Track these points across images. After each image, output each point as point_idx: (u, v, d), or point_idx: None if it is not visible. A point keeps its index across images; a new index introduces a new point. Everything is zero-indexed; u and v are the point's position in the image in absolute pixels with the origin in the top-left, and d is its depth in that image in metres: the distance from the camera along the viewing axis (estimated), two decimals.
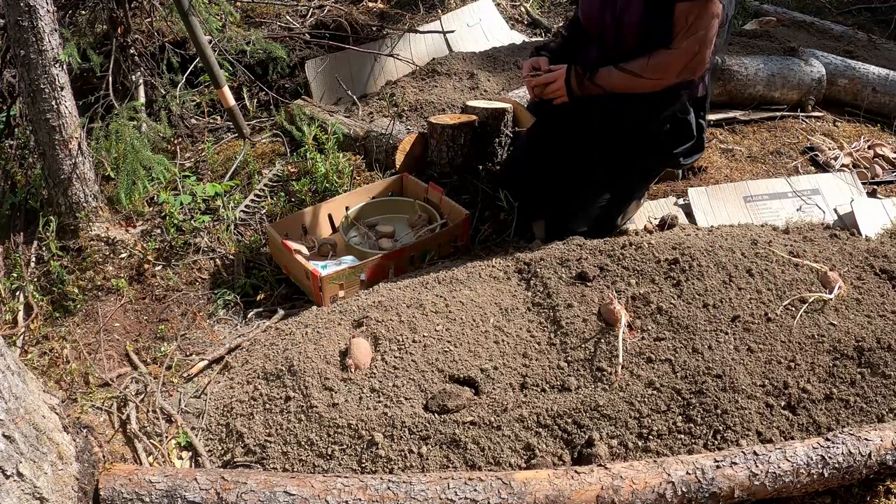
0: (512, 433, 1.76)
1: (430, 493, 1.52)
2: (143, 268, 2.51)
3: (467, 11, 4.05)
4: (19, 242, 2.52)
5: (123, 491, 1.55)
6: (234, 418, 1.92)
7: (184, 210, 2.74)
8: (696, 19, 2.11)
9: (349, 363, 1.92)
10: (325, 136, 2.99)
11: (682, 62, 2.18)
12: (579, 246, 2.24)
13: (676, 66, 2.19)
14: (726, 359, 1.85)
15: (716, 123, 3.29)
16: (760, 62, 3.34)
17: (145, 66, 3.16)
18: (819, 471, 1.60)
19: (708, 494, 1.56)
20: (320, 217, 2.67)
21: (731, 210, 2.65)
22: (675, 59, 2.18)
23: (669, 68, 2.20)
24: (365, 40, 3.77)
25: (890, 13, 5.15)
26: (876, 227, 2.44)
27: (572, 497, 1.53)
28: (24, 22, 2.25)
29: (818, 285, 2.03)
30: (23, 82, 2.36)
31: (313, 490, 1.52)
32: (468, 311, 2.06)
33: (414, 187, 2.76)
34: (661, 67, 2.20)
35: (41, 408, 1.54)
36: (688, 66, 2.19)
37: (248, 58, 3.35)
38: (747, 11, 5.00)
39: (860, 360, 1.85)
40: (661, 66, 2.20)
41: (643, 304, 2.00)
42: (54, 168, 2.46)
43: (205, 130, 3.38)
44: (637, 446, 1.74)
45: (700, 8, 2.10)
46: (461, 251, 2.56)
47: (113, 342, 2.28)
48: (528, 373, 1.89)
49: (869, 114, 3.45)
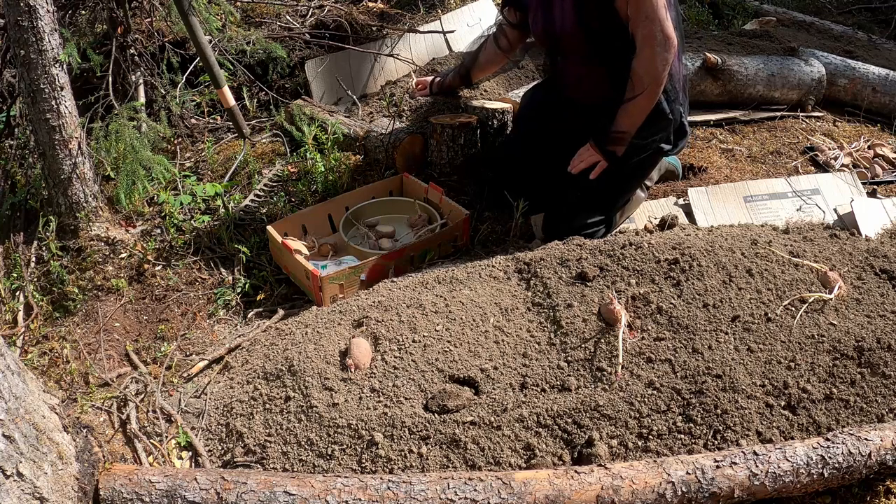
0: (512, 433, 1.76)
1: (430, 493, 1.52)
2: (142, 268, 2.51)
3: (467, 11, 4.05)
4: (19, 242, 2.52)
5: (123, 491, 1.55)
6: (234, 418, 1.92)
7: (184, 210, 2.74)
8: (635, 4, 2.13)
9: (349, 363, 1.92)
10: (325, 136, 2.99)
11: (651, 50, 2.16)
12: (579, 246, 2.24)
13: (652, 58, 2.17)
14: (726, 359, 1.85)
15: (716, 123, 3.29)
16: (760, 62, 3.34)
17: (145, 66, 3.16)
18: (819, 471, 1.60)
19: (708, 494, 1.56)
20: (320, 217, 2.67)
21: (731, 210, 2.65)
22: (646, 54, 2.17)
23: (650, 64, 2.18)
24: (365, 40, 3.76)
25: (890, 13, 5.15)
26: (876, 227, 2.44)
27: (572, 497, 1.53)
28: (24, 22, 2.25)
29: (818, 285, 2.03)
30: (23, 82, 2.36)
31: (313, 490, 1.52)
32: (468, 311, 2.06)
33: (414, 187, 2.76)
34: (644, 71, 2.20)
35: (41, 408, 1.54)
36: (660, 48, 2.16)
37: (248, 58, 3.34)
38: (747, 11, 5.00)
39: (860, 360, 1.85)
40: (643, 70, 2.19)
41: (643, 304, 2.00)
42: (54, 168, 2.46)
43: (205, 130, 3.38)
44: (637, 446, 1.74)
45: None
46: (461, 251, 2.56)
47: (113, 342, 2.28)
48: (528, 373, 1.89)
49: (869, 114, 3.45)
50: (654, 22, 2.13)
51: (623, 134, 2.31)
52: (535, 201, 2.58)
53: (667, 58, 2.18)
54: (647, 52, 2.17)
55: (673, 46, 2.18)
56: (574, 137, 2.44)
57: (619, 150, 2.34)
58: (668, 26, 2.15)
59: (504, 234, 2.63)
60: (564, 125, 2.54)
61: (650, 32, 2.14)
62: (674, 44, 2.18)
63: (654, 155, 2.48)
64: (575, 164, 2.40)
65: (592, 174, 2.37)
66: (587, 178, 2.39)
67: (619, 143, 2.33)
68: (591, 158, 2.37)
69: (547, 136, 2.60)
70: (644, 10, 2.12)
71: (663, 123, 2.37)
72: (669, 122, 2.39)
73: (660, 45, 2.15)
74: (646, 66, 2.19)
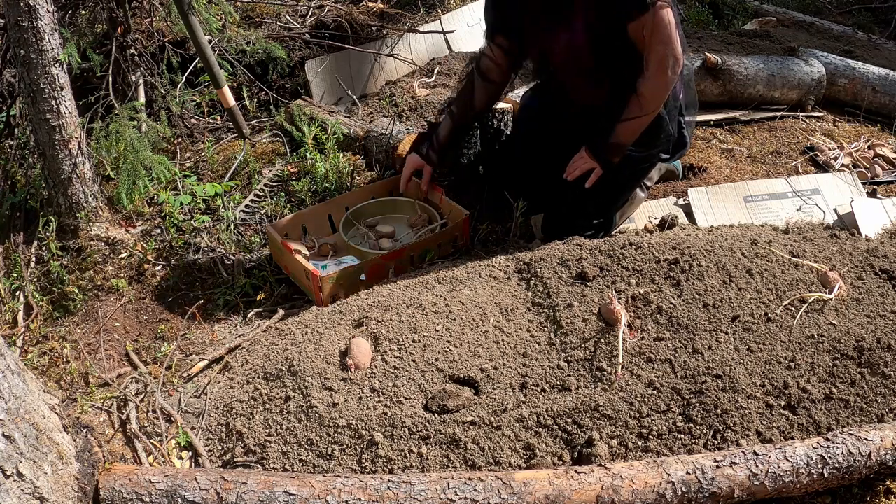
0: (512, 433, 1.76)
1: (430, 493, 1.52)
2: (142, 268, 2.51)
3: (467, 11, 4.05)
4: (19, 242, 2.52)
5: (123, 491, 1.55)
6: (234, 418, 1.92)
7: (184, 210, 2.74)
8: (652, 29, 2.12)
9: (349, 363, 1.92)
10: (325, 136, 2.99)
11: (662, 74, 2.17)
12: (579, 246, 2.24)
13: (659, 82, 2.19)
14: (726, 359, 1.85)
15: (716, 123, 3.29)
16: (760, 62, 3.34)
17: (145, 66, 3.16)
18: (819, 471, 1.60)
19: (708, 494, 1.56)
20: (320, 217, 2.67)
21: (731, 210, 2.65)
22: (655, 78, 2.18)
23: (657, 88, 2.20)
24: (365, 40, 3.76)
25: (890, 13, 5.15)
26: (876, 227, 2.44)
27: (572, 497, 1.53)
28: (24, 22, 2.25)
29: (818, 285, 2.03)
30: (23, 82, 2.36)
31: (313, 490, 1.52)
32: (468, 311, 2.06)
33: (414, 187, 2.76)
34: (651, 95, 2.21)
35: (41, 408, 1.54)
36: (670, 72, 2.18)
37: (248, 58, 3.34)
38: (747, 11, 5.00)
39: (860, 360, 1.85)
40: (650, 94, 2.20)
41: (643, 303, 2.00)
42: (54, 168, 2.46)
43: (205, 130, 3.38)
44: (637, 446, 1.74)
45: (650, 17, 2.10)
46: (461, 251, 2.56)
47: (113, 342, 2.28)
48: (528, 373, 1.89)
49: (869, 114, 3.45)
50: (668, 45, 2.14)
51: (621, 146, 2.32)
52: (535, 201, 2.58)
53: (674, 80, 2.21)
54: (658, 76, 2.18)
55: (680, 66, 2.20)
56: (574, 138, 2.44)
57: (614, 159, 2.34)
58: (679, 48, 2.17)
59: (504, 234, 2.63)
60: (564, 126, 2.54)
61: (664, 56, 2.15)
62: (681, 64, 2.20)
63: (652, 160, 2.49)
64: (570, 172, 2.39)
65: (588, 182, 2.36)
66: (583, 185, 2.38)
67: (617, 152, 2.34)
68: (585, 166, 2.37)
69: (547, 136, 2.60)
70: (661, 35, 2.12)
71: (662, 136, 2.38)
72: (669, 137, 2.41)
73: (671, 69, 2.17)
74: (653, 91, 2.20)
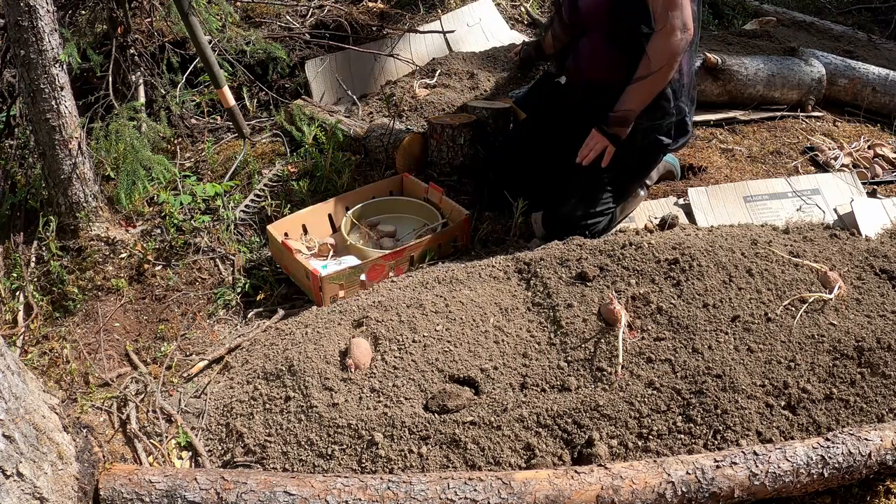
0: (512, 433, 1.76)
1: (430, 493, 1.52)
2: (142, 268, 2.51)
3: (467, 11, 4.05)
4: (19, 242, 2.52)
5: (123, 491, 1.55)
6: (234, 418, 1.92)
7: (184, 210, 2.74)
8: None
9: (349, 363, 1.92)
10: (325, 136, 2.99)
11: (669, 33, 2.19)
12: (579, 246, 2.24)
13: (667, 40, 2.20)
14: (726, 359, 1.85)
15: (716, 123, 3.29)
16: (760, 62, 3.34)
17: (145, 66, 3.16)
18: (819, 471, 1.60)
19: (708, 494, 1.56)
20: (320, 217, 2.67)
21: (731, 210, 2.65)
22: (662, 36, 2.20)
23: (665, 45, 2.21)
24: (365, 40, 3.76)
25: (890, 13, 5.15)
26: (876, 227, 2.44)
27: (572, 497, 1.53)
28: (24, 22, 2.25)
29: (818, 285, 2.03)
30: (23, 82, 2.36)
31: (313, 490, 1.52)
32: (468, 311, 2.06)
33: (414, 187, 2.76)
34: (658, 51, 2.22)
35: (41, 408, 1.54)
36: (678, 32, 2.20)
37: (247, 58, 3.34)
38: (747, 11, 5.00)
39: (860, 360, 1.85)
40: (658, 50, 2.22)
41: (643, 304, 2.00)
42: (54, 168, 2.46)
43: (205, 130, 3.37)
44: (637, 446, 1.74)
45: None
46: (461, 251, 2.56)
47: (113, 342, 2.28)
48: (528, 373, 1.89)
49: (869, 114, 3.44)
50: (676, 7, 2.17)
51: (628, 112, 2.32)
52: (535, 200, 2.58)
53: (681, 44, 2.22)
54: (664, 33, 2.20)
55: (689, 35, 2.22)
56: (573, 136, 2.44)
57: (622, 133, 2.35)
58: (688, 14, 2.20)
59: (504, 234, 2.63)
60: (563, 124, 2.55)
61: (672, 17, 2.18)
62: (690, 33, 2.22)
63: (654, 148, 2.49)
64: (584, 154, 2.41)
65: (604, 162, 2.38)
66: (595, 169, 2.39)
67: (624, 123, 2.34)
68: (598, 145, 2.38)
69: (546, 134, 2.60)
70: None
71: (665, 109, 2.38)
72: (671, 114, 2.41)
73: (679, 31, 2.19)
74: (660, 47, 2.22)
